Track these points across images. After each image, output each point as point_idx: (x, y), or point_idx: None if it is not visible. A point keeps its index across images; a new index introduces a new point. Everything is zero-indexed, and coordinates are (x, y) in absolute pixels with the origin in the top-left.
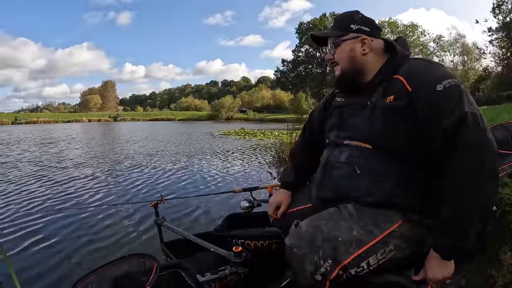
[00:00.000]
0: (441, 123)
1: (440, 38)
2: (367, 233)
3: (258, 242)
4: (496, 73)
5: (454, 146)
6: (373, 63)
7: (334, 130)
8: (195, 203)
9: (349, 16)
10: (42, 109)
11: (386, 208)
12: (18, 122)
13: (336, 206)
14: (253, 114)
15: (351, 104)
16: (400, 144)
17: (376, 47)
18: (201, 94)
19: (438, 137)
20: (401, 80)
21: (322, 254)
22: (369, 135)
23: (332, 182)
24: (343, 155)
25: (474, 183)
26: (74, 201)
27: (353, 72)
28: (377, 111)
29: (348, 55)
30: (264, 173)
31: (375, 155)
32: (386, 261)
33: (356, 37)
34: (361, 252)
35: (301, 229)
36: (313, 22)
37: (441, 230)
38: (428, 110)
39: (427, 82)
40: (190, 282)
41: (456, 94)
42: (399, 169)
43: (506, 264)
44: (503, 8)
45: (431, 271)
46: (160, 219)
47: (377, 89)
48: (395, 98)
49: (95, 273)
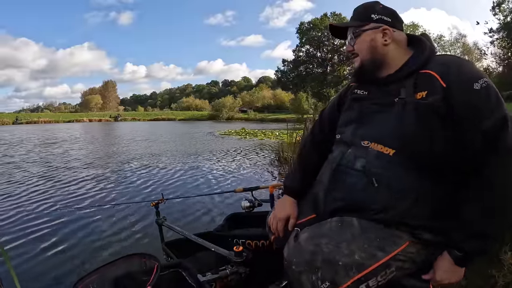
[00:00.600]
0: (480, 124)
1: (441, 38)
2: (369, 256)
3: (259, 242)
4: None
5: (495, 149)
6: (395, 55)
7: (351, 125)
8: (196, 203)
9: (370, 6)
10: (42, 109)
11: (397, 228)
12: (19, 122)
13: (340, 219)
14: (253, 114)
15: (376, 98)
16: (431, 146)
17: (398, 39)
18: (202, 94)
19: (477, 139)
20: (434, 75)
21: (321, 275)
22: (397, 136)
23: (344, 191)
24: (359, 161)
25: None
26: (75, 201)
27: (373, 63)
28: (409, 107)
29: (369, 45)
30: (265, 173)
31: (396, 163)
32: (385, 282)
33: (377, 27)
34: (361, 276)
35: (300, 245)
36: (313, 22)
37: (467, 232)
38: (466, 109)
39: (464, 79)
40: (191, 282)
41: (493, 95)
42: (419, 182)
43: (506, 264)
44: (503, 7)
45: (440, 274)
46: (161, 218)
47: (405, 83)
48: (428, 94)
49: (96, 273)
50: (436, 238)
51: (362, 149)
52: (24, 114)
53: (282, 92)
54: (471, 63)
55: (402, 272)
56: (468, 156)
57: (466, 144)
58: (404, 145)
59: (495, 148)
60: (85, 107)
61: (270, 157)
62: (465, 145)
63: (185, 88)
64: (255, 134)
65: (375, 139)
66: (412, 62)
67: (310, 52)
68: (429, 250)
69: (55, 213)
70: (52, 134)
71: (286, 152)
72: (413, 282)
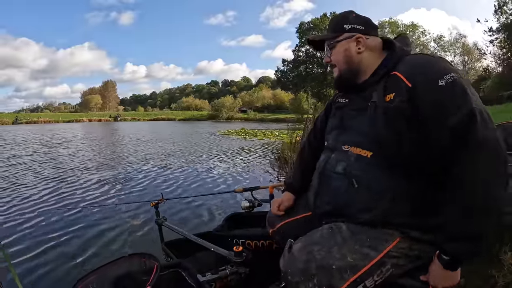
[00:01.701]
0: (447, 121)
1: (440, 38)
2: (362, 256)
3: (258, 242)
4: (497, 73)
5: (464, 145)
6: (369, 61)
7: (334, 131)
8: (195, 203)
9: (342, 17)
10: (42, 109)
11: (383, 226)
12: (19, 122)
13: (330, 225)
14: (253, 114)
15: (354, 105)
16: (400, 148)
17: (372, 45)
18: (202, 94)
19: (445, 136)
20: (400, 77)
21: (317, 281)
22: (371, 138)
23: (330, 194)
24: (340, 165)
25: (488, 183)
26: (74, 200)
27: (350, 72)
28: (379, 111)
29: (344, 55)
30: (265, 173)
31: (374, 164)
32: (383, 280)
33: (351, 37)
34: (356, 278)
35: (294, 255)
36: (313, 22)
37: (448, 234)
38: (431, 108)
39: (428, 77)
40: (190, 282)
41: (460, 89)
42: (396, 181)
43: (506, 264)
44: (505, 9)
45: (433, 279)
46: (161, 218)
47: (377, 87)
48: (395, 96)
49: (96, 273)
50: (425, 236)
51: (343, 153)
52: (24, 114)
53: (282, 92)
54: (440, 60)
55: (399, 270)
56: (437, 156)
57: (434, 144)
58: (378, 147)
59: (464, 144)
60: (85, 107)
61: (270, 157)
62: (433, 144)
63: (185, 88)
64: (255, 134)
65: (354, 143)
66: (383, 65)
67: (310, 52)
68: (422, 245)
69: (55, 212)
70: (55, 134)
71: (286, 152)
72: (412, 283)
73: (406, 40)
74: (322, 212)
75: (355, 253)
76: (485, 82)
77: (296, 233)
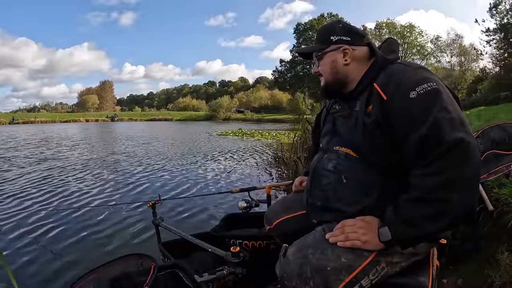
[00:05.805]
0: (416, 133)
1: (437, 39)
2: (356, 256)
3: (256, 242)
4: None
5: (431, 155)
6: (355, 72)
7: (327, 135)
8: (192, 204)
9: (329, 28)
10: (39, 109)
11: None
12: (16, 122)
13: (323, 227)
14: (250, 114)
15: (342, 111)
16: (381, 156)
17: (359, 55)
18: (199, 94)
19: (414, 148)
20: (377, 89)
21: (313, 284)
22: (353, 145)
23: (320, 190)
24: (331, 163)
25: (449, 197)
26: (72, 201)
27: (336, 83)
28: (359, 122)
29: (330, 67)
30: (262, 174)
31: (361, 164)
32: (379, 279)
33: (337, 48)
34: (351, 278)
35: (289, 260)
36: (310, 22)
37: (400, 218)
38: (402, 119)
39: (401, 89)
40: (187, 283)
41: (430, 99)
42: (381, 179)
43: (503, 264)
44: (500, 9)
45: (353, 223)
46: (158, 219)
47: (361, 97)
48: (373, 107)
49: (93, 274)
50: None
51: (334, 153)
52: (21, 114)
53: (279, 93)
54: (416, 70)
55: (394, 267)
56: (411, 164)
57: (406, 153)
58: (360, 153)
59: (430, 154)
60: (82, 107)
61: (267, 157)
62: (405, 153)
63: (182, 88)
64: (252, 134)
65: (344, 144)
66: (366, 77)
67: None
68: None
69: (52, 213)
70: (54, 134)
71: (284, 152)
72: (410, 281)
73: (392, 46)
74: (313, 209)
75: (348, 253)
76: (482, 83)
77: (293, 229)
